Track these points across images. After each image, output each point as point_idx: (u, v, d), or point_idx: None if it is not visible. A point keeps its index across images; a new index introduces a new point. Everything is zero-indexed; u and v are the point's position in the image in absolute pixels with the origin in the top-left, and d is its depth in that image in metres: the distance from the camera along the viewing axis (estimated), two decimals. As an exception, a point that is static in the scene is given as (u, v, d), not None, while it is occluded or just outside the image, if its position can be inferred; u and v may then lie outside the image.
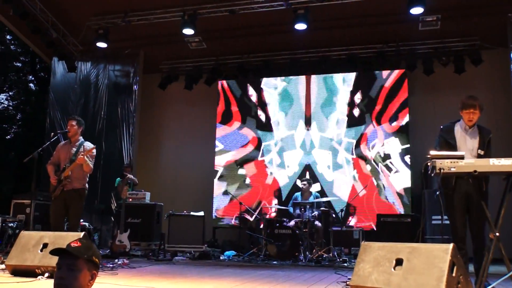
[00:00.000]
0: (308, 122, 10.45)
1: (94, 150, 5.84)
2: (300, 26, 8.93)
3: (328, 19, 9.57)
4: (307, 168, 10.22)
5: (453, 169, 3.83)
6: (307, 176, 9.69)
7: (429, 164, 3.99)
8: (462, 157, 3.92)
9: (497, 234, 3.74)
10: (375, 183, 9.76)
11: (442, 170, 3.84)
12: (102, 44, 9.99)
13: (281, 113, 10.68)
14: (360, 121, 10.15)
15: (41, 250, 4.50)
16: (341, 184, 9.94)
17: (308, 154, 10.30)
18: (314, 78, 10.63)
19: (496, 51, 9.70)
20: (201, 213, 8.66)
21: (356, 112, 10.20)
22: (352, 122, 10.19)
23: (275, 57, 10.88)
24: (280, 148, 10.53)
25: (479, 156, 4.40)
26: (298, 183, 9.46)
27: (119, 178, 8.54)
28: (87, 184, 5.91)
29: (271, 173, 10.45)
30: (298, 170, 10.26)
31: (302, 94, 10.62)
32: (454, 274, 3.19)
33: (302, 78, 10.71)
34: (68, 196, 5.71)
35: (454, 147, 4.47)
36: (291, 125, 10.56)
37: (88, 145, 5.91)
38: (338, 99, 10.36)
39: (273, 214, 9.88)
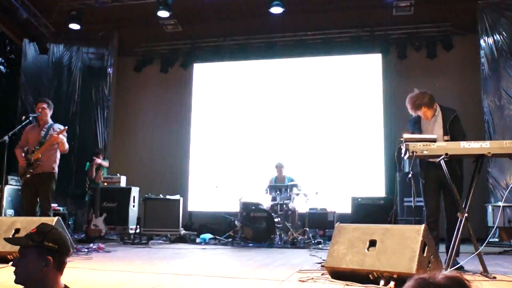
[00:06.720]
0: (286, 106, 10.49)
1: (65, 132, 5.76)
2: (276, 10, 8.90)
3: (304, 3, 9.56)
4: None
5: (425, 152, 3.93)
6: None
7: (402, 147, 4.09)
8: (434, 140, 4.03)
9: (466, 214, 3.87)
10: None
11: (415, 153, 3.94)
12: (75, 26, 9.76)
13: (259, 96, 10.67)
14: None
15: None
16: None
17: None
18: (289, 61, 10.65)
19: (467, 37, 9.86)
20: (178, 197, 8.65)
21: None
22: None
23: (251, 40, 10.84)
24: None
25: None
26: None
27: (88, 163, 8.45)
28: (57, 168, 5.80)
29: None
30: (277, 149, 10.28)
31: (279, 78, 10.62)
32: (425, 254, 3.29)
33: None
34: (38, 180, 5.61)
35: None
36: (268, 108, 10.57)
37: (59, 126, 5.81)
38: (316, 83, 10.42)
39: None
